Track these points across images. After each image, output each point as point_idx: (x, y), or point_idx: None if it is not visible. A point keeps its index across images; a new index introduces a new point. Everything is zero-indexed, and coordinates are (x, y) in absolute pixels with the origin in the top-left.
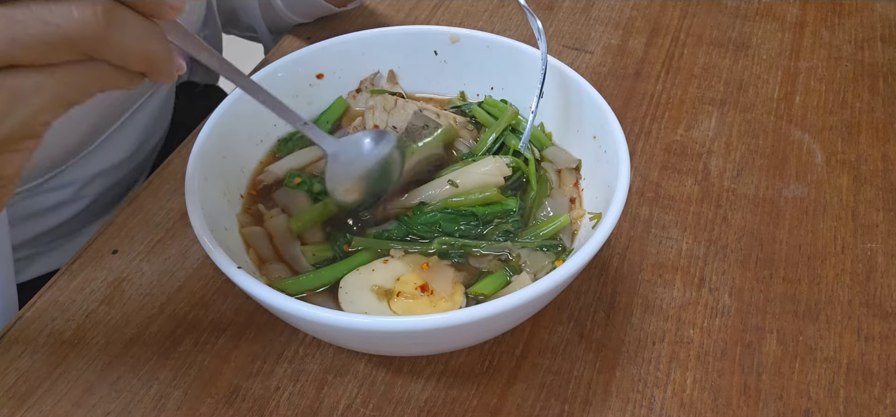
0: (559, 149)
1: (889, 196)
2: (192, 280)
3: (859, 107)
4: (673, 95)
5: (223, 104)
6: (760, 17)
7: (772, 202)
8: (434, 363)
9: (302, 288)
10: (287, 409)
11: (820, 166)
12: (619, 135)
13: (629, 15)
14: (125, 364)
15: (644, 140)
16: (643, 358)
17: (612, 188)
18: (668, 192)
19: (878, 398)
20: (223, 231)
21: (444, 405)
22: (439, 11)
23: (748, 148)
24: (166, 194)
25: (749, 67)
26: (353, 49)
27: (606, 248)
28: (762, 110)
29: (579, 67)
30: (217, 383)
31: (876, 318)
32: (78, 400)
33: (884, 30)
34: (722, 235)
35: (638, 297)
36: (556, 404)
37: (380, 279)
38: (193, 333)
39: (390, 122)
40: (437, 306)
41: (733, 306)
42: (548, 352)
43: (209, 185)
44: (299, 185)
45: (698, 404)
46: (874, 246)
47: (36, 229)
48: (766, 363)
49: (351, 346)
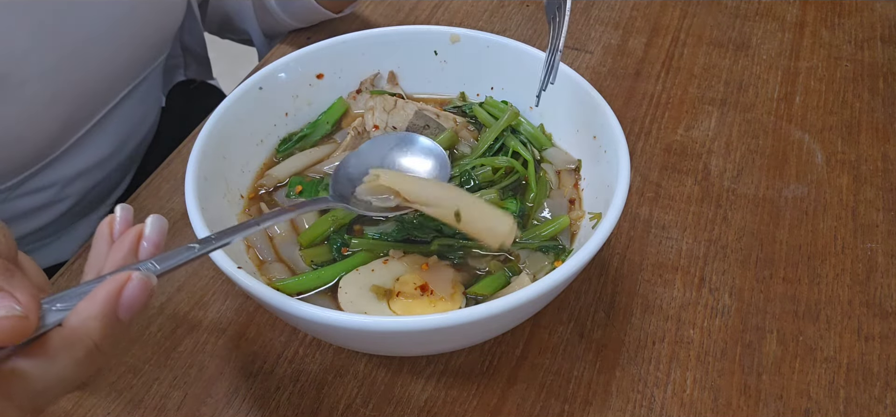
0: (559, 149)
1: (889, 196)
2: (192, 280)
3: (859, 107)
4: (673, 95)
5: (223, 104)
6: (760, 17)
7: (772, 202)
8: (434, 363)
9: (302, 288)
10: (287, 409)
11: (820, 166)
12: (619, 135)
13: (629, 15)
14: (125, 364)
15: (644, 140)
16: (643, 358)
17: (611, 188)
18: (668, 192)
19: (878, 398)
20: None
21: (444, 405)
22: (439, 11)
23: (748, 148)
24: (166, 194)
25: (749, 67)
26: (354, 49)
27: (606, 248)
28: (762, 110)
29: (579, 67)
30: (217, 383)
31: (876, 318)
32: (78, 400)
33: (884, 30)
34: (722, 235)
35: (638, 297)
36: (556, 404)
37: (379, 279)
38: (193, 333)
39: (390, 122)
40: (436, 306)
41: (733, 306)
42: (548, 352)
43: (209, 185)
44: (301, 194)
45: (698, 404)
46: (874, 246)
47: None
48: (766, 363)
49: (351, 346)
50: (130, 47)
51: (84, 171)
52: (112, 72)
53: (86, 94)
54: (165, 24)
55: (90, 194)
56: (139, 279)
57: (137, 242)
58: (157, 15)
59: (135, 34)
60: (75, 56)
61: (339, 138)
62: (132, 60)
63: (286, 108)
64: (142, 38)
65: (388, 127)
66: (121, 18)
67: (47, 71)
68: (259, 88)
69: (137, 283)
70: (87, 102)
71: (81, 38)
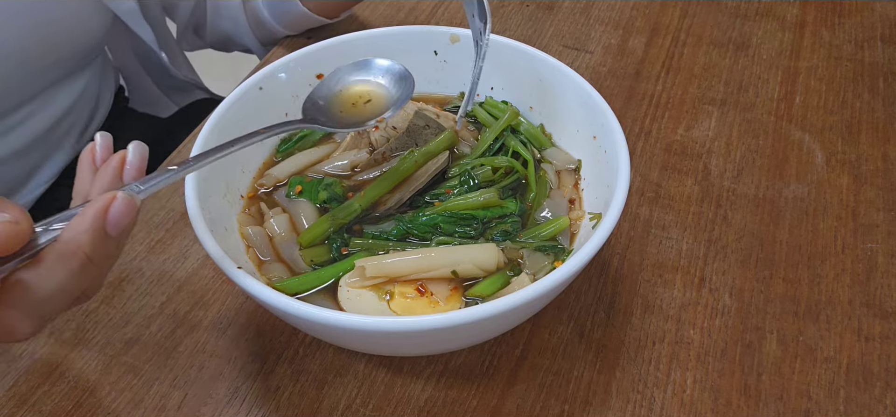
0: (559, 149)
1: (889, 196)
2: (192, 280)
3: (859, 107)
4: (673, 95)
5: (223, 104)
6: (760, 17)
7: (772, 202)
8: (434, 363)
9: (302, 288)
10: (287, 409)
11: (820, 166)
12: (619, 135)
13: (629, 15)
14: (125, 364)
15: (644, 140)
16: (643, 359)
17: (611, 188)
18: (668, 192)
19: (878, 398)
20: (223, 231)
21: (444, 405)
22: (439, 11)
23: (748, 148)
24: (166, 194)
25: (749, 67)
26: (354, 49)
27: (606, 248)
28: (762, 110)
29: (579, 67)
30: (217, 383)
31: (876, 318)
32: (78, 400)
33: (884, 30)
34: (722, 235)
35: (638, 297)
36: (556, 404)
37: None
38: (193, 333)
39: (390, 122)
40: (436, 306)
41: (733, 306)
42: (548, 352)
43: (209, 185)
44: (301, 194)
45: (698, 404)
46: (874, 246)
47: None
48: (766, 364)
49: (351, 346)
50: (34, 56)
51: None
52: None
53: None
54: (75, 40)
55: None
56: (123, 197)
57: (121, 167)
58: (67, 31)
59: (42, 44)
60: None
61: (338, 138)
62: (37, 69)
63: (286, 108)
64: (49, 48)
65: (388, 127)
66: (32, 27)
67: None
68: (259, 88)
69: (122, 201)
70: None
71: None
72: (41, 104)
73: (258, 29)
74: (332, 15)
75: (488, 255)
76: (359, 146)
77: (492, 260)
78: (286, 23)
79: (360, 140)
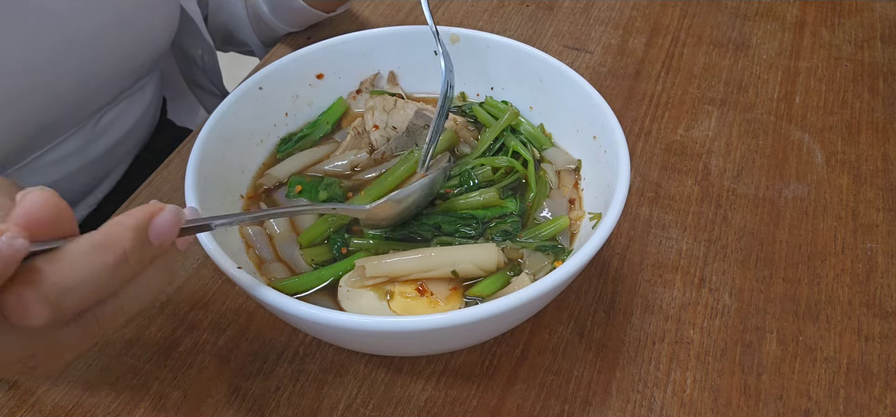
0: (559, 149)
1: (889, 196)
2: (192, 280)
3: (859, 107)
4: (673, 95)
5: (223, 104)
6: (760, 17)
7: (772, 202)
8: (434, 363)
9: (302, 288)
10: (287, 409)
11: (820, 166)
12: (619, 135)
13: (629, 15)
14: (125, 364)
15: (644, 140)
16: (643, 358)
17: (611, 188)
18: (668, 192)
19: (878, 398)
20: (223, 231)
21: (444, 405)
22: (439, 11)
23: (748, 148)
24: (166, 194)
25: (749, 67)
26: (354, 49)
27: (606, 248)
28: (762, 110)
29: (579, 67)
30: (217, 383)
31: (876, 318)
32: (78, 400)
33: (884, 30)
34: (722, 235)
35: (638, 297)
36: (556, 404)
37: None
38: (193, 333)
39: (390, 122)
40: (436, 306)
41: (733, 306)
42: (548, 352)
43: (209, 185)
44: (300, 193)
45: (698, 404)
46: (874, 246)
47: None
48: (766, 364)
49: (351, 346)
50: (111, 60)
51: (57, 180)
52: (88, 82)
53: (57, 102)
54: (151, 42)
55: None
56: (170, 209)
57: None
58: (142, 32)
59: (118, 46)
60: (51, 61)
61: (338, 138)
62: (112, 74)
63: (286, 108)
64: (126, 52)
65: (387, 127)
66: (104, 26)
67: (17, 72)
68: (259, 88)
69: (169, 213)
70: (60, 111)
71: (59, 42)
72: (119, 113)
73: (258, 25)
74: (329, 9)
75: (488, 255)
76: (359, 146)
77: (492, 260)
78: (284, 17)
79: (360, 140)
